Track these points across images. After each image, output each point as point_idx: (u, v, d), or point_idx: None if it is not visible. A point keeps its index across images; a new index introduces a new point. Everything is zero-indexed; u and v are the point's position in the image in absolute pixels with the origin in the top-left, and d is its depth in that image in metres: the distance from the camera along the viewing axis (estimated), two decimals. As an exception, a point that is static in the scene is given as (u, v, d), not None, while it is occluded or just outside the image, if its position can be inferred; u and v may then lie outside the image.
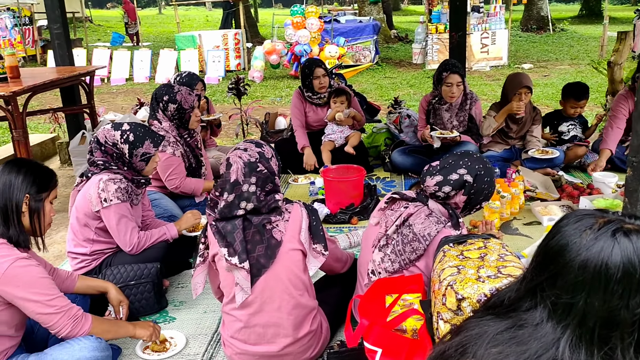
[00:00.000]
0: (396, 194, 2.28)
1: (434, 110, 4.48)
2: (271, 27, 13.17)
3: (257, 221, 2.14)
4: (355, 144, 4.74)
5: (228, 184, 2.11)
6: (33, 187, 2.13)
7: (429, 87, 10.52)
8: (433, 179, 2.20)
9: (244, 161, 2.12)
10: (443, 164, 2.22)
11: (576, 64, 12.23)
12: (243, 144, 2.23)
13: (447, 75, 4.30)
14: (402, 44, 16.25)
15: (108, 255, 2.92)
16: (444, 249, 1.92)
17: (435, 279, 1.77)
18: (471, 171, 2.15)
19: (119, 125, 2.92)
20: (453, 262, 1.77)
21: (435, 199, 2.20)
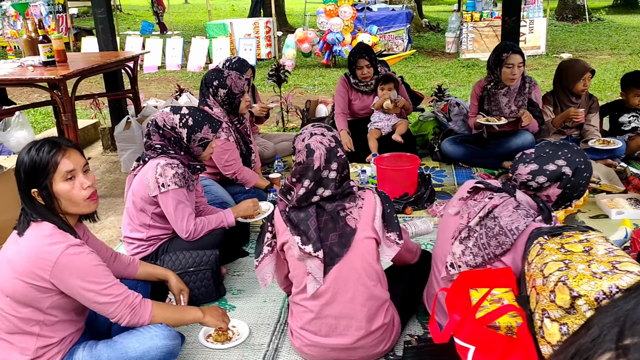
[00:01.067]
0: (480, 183, 2.15)
1: (490, 96, 4.31)
2: (303, 15, 13.01)
3: (330, 208, 2.05)
4: (403, 132, 4.61)
5: (311, 171, 2.04)
6: (30, 179, 1.90)
7: (464, 76, 10.34)
8: (527, 167, 2.05)
9: (325, 147, 2.05)
10: (539, 152, 2.07)
11: (617, 54, 11.86)
12: (314, 128, 2.14)
13: (508, 56, 4.10)
14: (433, 33, 15.96)
15: (164, 241, 2.86)
16: (539, 241, 1.80)
17: (536, 273, 1.65)
18: (571, 164, 1.99)
19: (178, 109, 2.84)
20: (556, 255, 1.65)
21: (525, 189, 2.06)
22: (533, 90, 4.21)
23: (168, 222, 2.79)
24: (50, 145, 1.92)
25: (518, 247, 1.95)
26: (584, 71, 4.18)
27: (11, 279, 1.85)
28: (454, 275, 2.10)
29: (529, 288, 1.71)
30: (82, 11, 20.21)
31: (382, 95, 4.58)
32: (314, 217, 2.04)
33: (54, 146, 1.91)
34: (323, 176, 2.04)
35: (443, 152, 4.45)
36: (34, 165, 1.89)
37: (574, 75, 4.21)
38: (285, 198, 2.13)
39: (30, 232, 1.90)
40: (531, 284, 1.69)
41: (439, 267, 2.21)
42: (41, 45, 3.97)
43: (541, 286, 1.60)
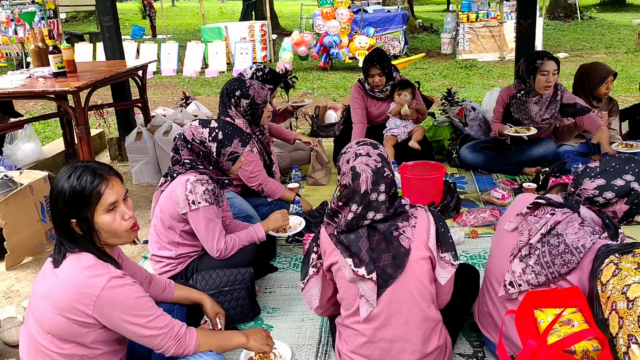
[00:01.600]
0: (542, 199, 2.08)
1: (519, 104, 4.21)
2: (293, 17, 12.93)
3: (383, 228, 1.96)
4: (420, 138, 4.54)
5: (358, 195, 1.94)
6: (69, 210, 1.79)
7: (462, 77, 10.33)
8: (593, 182, 1.98)
9: (372, 169, 1.95)
10: (604, 167, 2.00)
11: (612, 53, 11.92)
12: (359, 147, 2.02)
13: (543, 63, 3.96)
14: (427, 34, 15.98)
15: (194, 258, 2.77)
16: (612, 260, 1.73)
17: (617, 295, 1.59)
18: (639, 179, 1.94)
19: (207, 122, 2.75)
20: (637, 277, 1.58)
21: (590, 204, 1.99)
22: (564, 95, 4.11)
23: (197, 240, 2.70)
24: (93, 174, 1.80)
25: (584, 265, 1.88)
26: (607, 75, 4.15)
27: (52, 314, 1.75)
28: (513, 294, 2.03)
29: (606, 311, 1.64)
30: (70, 16, 19.96)
31: (399, 101, 4.51)
32: (364, 238, 1.96)
33: (96, 175, 1.80)
34: (372, 199, 1.95)
35: (462, 159, 4.39)
36: (75, 195, 1.78)
37: (597, 79, 4.17)
38: (332, 221, 2.04)
39: (68, 264, 1.80)
40: (610, 306, 1.62)
41: (494, 285, 2.14)
42: (52, 56, 3.85)
43: (625, 310, 1.53)
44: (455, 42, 12.26)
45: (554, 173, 3.88)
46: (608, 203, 1.95)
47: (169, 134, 4.50)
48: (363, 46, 10.89)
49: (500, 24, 11.75)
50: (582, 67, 4.36)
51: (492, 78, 10.09)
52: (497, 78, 10.07)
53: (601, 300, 1.70)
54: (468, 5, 12.25)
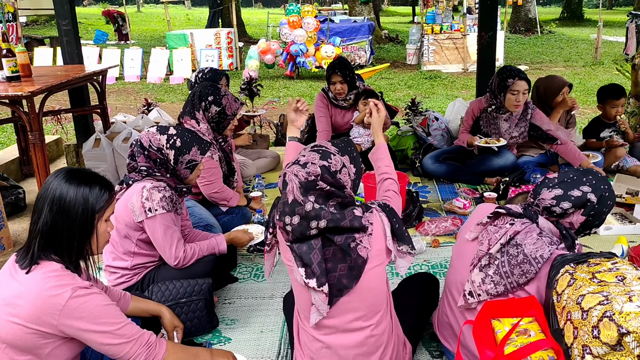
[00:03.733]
0: (501, 209, 2.08)
1: (489, 119, 4.24)
2: (259, 25, 12.89)
3: (340, 241, 1.91)
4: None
5: (287, 206, 1.87)
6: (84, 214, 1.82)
7: (427, 88, 10.46)
8: (551, 192, 2.00)
9: (299, 180, 1.86)
10: (563, 177, 2.02)
11: (571, 66, 12.27)
12: (306, 153, 1.94)
13: (514, 82, 3.96)
14: (393, 44, 16.16)
15: (150, 269, 2.69)
16: (567, 270, 1.75)
17: (572, 305, 1.59)
18: (596, 191, 1.95)
19: (165, 129, 2.69)
20: (591, 286, 1.60)
21: (548, 215, 2.01)
22: (534, 114, 4.13)
23: (154, 249, 2.63)
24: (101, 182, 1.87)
25: (542, 275, 1.89)
26: (562, 86, 4.25)
27: (10, 323, 1.68)
28: (472, 304, 2.03)
29: (562, 321, 1.65)
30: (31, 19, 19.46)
31: (364, 110, 4.52)
32: (317, 250, 1.90)
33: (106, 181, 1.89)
34: (307, 209, 1.86)
35: (425, 168, 4.42)
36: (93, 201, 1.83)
37: (553, 90, 4.26)
38: (284, 230, 2.00)
39: (34, 273, 1.74)
40: (565, 316, 1.63)
41: (454, 295, 2.14)
42: (5, 60, 3.72)
43: (580, 320, 1.54)
44: (420, 53, 12.43)
45: (514, 183, 3.94)
46: (565, 213, 1.97)
47: (129, 140, 4.40)
48: (329, 55, 10.92)
49: (463, 37, 11.96)
50: (538, 81, 4.46)
51: (455, 89, 10.25)
52: (460, 89, 10.24)
53: (557, 310, 1.71)
54: (432, 17, 12.46)
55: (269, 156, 4.77)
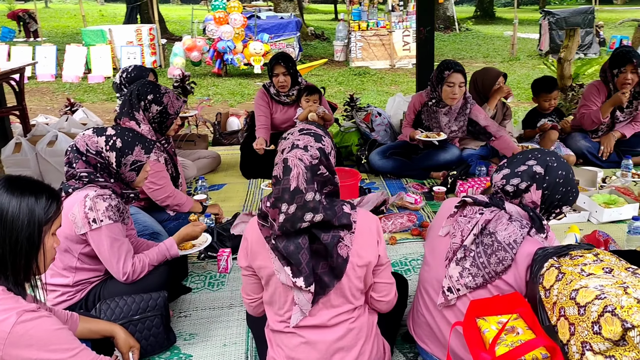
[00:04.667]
0: (468, 198, 2.04)
1: (430, 113, 4.25)
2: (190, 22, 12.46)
3: (327, 239, 1.81)
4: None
5: (287, 193, 1.75)
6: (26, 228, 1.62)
7: (357, 84, 10.50)
8: (500, 173, 2.00)
9: (305, 165, 1.77)
10: (510, 160, 2.03)
11: (490, 62, 12.74)
12: (300, 137, 1.84)
13: (450, 74, 3.99)
14: (319, 41, 16.15)
15: (95, 284, 2.45)
16: (552, 264, 1.72)
17: (565, 301, 1.56)
18: (541, 162, 1.94)
19: (102, 130, 2.45)
20: (582, 280, 1.57)
21: (507, 197, 1.99)
22: (473, 109, 4.17)
23: (99, 263, 2.39)
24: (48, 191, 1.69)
25: (518, 262, 1.86)
26: (497, 76, 4.34)
27: None
28: (452, 300, 1.97)
29: (553, 317, 1.62)
30: None
31: (308, 107, 4.41)
32: (305, 250, 1.80)
33: (52, 191, 1.71)
34: (307, 199, 1.76)
35: (371, 164, 4.37)
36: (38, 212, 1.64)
37: (489, 81, 4.34)
38: (265, 222, 1.85)
39: None
40: (557, 312, 1.59)
41: (431, 293, 2.07)
42: None
43: (577, 316, 1.50)
44: (348, 49, 12.48)
45: (461, 176, 3.97)
46: (519, 191, 1.94)
47: (55, 144, 4.04)
48: (258, 52, 10.72)
49: (389, 33, 12.13)
50: (475, 74, 4.53)
51: (385, 85, 10.37)
52: (389, 85, 10.36)
53: (546, 306, 1.68)
54: (358, 14, 12.53)
55: (209, 157, 4.56)
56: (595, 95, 4.37)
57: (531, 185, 1.93)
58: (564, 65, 5.62)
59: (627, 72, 4.14)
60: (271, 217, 1.81)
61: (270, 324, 1.98)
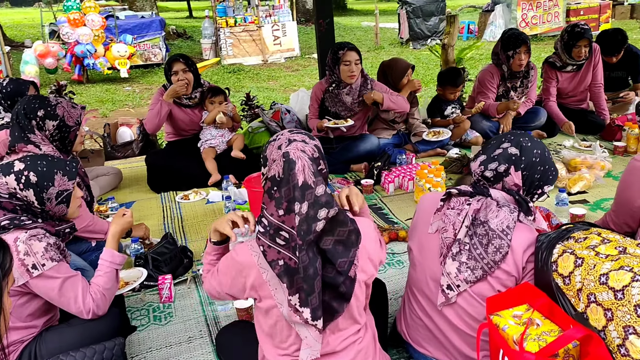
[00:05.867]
0: (453, 189, 1.97)
1: (333, 97, 4.20)
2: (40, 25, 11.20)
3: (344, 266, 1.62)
4: (242, 146, 4.23)
5: (297, 190, 1.56)
6: None
7: (234, 81, 10.19)
8: (476, 161, 1.97)
9: (309, 156, 1.62)
10: (485, 146, 2.00)
11: (357, 52, 13.08)
12: (292, 135, 1.69)
13: (344, 53, 4.04)
14: (182, 40, 15.48)
15: (27, 343, 2.03)
16: (564, 250, 1.69)
17: (594, 287, 1.52)
18: (514, 143, 1.92)
19: (8, 167, 2.04)
20: (606, 264, 1.56)
21: (490, 183, 1.95)
22: (374, 85, 4.20)
23: (37, 316, 2.00)
24: None
25: (514, 248, 1.83)
26: (407, 68, 4.40)
27: None
28: (452, 298, 1.90)
29: (580, 304, 1.59)
30: None
31: (215, 109, 4.11)
32: (320, 277, 1.60)
33: None
34: (317, 194, 1.58)
35: (290, 163, 4.20)
36: None
37: (398, 74, 4.39)
38: (275, 243, 1.62)
39: None
40: (585, 299, 1.57)
41: (427, 294, 1.98)
42: None
43: (613, 300, 1.48)
44: (218, 47, 12.07)
45: (384, 167, 3.95)
46: (499, 175, 1.91)
47: None
48: (123, 55, 9.95)
49: (259, 28, 11.93)
50: (383, 65, 4.56)
51: (262, 81, 10.18)
52: (267, 80, 10.20)
53: (567, 294, 1.65)
54: (224, 10, 12.15)
55: (110, 173, 4.08)
56: (490, 80, 4.61)
57: (509, 167, 1.90)
58: (448, 51, 5.87)
59: (521, 53, 4.40)
60: (288, 227, 1.58)
61: (269, 357, 1.75)
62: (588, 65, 4.73)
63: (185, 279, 2.83)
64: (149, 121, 4.05)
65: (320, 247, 1.60)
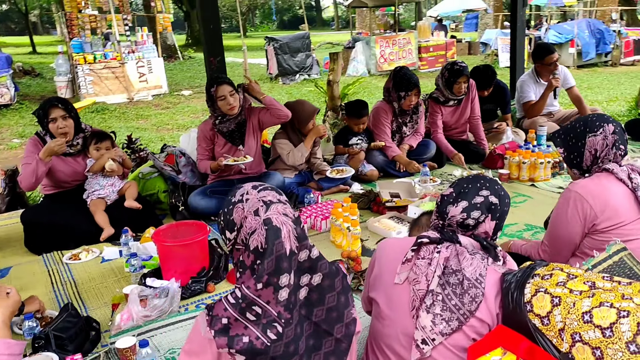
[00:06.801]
0: (424, 237, 1.90)
1: (219, 135, 4.07)
2: None
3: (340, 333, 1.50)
4: (136, 195, 3.85)
5: (284, 260, 1.41)
6: None
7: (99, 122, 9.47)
8: (457, 206, 1.90)
9: (292, 219, 1.49)
10: (459, 190, 1.94)
11: (228, 88, 12.91)
12: (262, 193, 1.53)
13: (216, 89, 3.91)
14: (30, 77, 14.17)
15: None
16: (537, 289, 1.68)
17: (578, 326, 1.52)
18: (493, 192, 1.91)
19: None
20: (585, 301, 1.57)
21: (463, 230, 1.92)
22: (259, 116, 4.11)
23: None
24: None
25: (487, 294, 1.80)
26: (313, 113, 4.37)
27: None
28: (427, 353, 1.80)
29: (563, 344, 1.58)
30: None
31: (103, 156, 3.71)
32: (305, 337, 1.44)
33: None
34: (302, 258, 1.47)
35: (193, 208, 3.90)
36: None
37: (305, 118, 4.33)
38: (244, 316, 1.41)
39: None
40: (569, 339, 1.56)
41: (397, 349, 1.85)
42: None
43: (602, 339, 1.49)
44: (76, 85, 11.19)
45: (294, 207, 3.83)
46: (478, 223, 1.92)
47: None
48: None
49: (122, 65, 11.30)
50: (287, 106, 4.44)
51: (130, 120, 9.61)
52: (136, 119, 9.64)
53: (547, 334, 1.64)
54: (79, 46, 11.34)
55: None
56: (384, 117, 4.76)
57: (487, 216, 1.90)
58: (333, 87, 5.97)
59: (412, 95, 4.60)
60: (263, 301, 1.40)
61: None
62: (467, 100, 5.07)
63: (97, 355, 2.43)
64: (25, 180, 3.52)
65: (313, 321, 1.44)
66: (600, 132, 2.27)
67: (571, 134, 2.36)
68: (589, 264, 2.08)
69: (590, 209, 2.29)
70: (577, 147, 2.34)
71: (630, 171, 2.26)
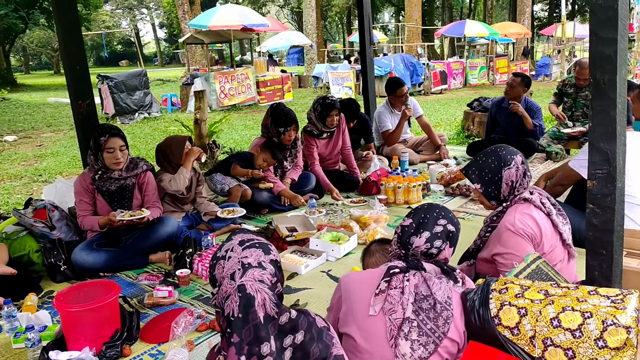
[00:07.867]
0: (394, 268, 1.96)
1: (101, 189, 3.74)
2: None
3: None
4: (7, 259, 3.37)
5: (261, 329, 1.44)
6: None
7: None
8: (421, 237, 2.01)
9: (269, 285, 1.54)
10: (417, 220, 2.05)
11: (58, 130, 11.82)
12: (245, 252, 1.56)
13: (107, 140, 3.57)
14: None
15: None
16: (502, 303, 1.84)
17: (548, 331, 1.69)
18: (449, 220, 2.06)
19: None
20: (549, 309, 1.75)
21: (426, 258, 2.02)
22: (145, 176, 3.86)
23: None
24: None
25: (455, 315, 1.93)
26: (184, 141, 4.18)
27: None
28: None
29: (536, 350, 1.74)
30: None
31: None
32: None
33: None
34: (282, 321, 1.50)
35: (77, 265, 3.50)
36: None
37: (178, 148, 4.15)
38: None
39: None
40: (540, 344, 1.73)
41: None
42: None
43: (572, 340, 1.67)
44: None
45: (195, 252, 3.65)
46: (440, 251, 2.05)
47: None
48: None
49: None
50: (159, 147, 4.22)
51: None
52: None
53: (519, 343, 1.79)
54: None
55: None
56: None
57: (446, 243, 2.03)
58: (201, 125, 5.84)
59: (290, 130, 4.72)
60: None
61: None
62: (338, 132, 5.32)
63: None
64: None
65: None
66: (513, 165, 2.50)
67: (486, 170, 2.54)
68: (512, 274, 2.31)
69: (533, 237, 2.42)
70: (494, 180, 2.52)
71: (540, 196, 2.52)
